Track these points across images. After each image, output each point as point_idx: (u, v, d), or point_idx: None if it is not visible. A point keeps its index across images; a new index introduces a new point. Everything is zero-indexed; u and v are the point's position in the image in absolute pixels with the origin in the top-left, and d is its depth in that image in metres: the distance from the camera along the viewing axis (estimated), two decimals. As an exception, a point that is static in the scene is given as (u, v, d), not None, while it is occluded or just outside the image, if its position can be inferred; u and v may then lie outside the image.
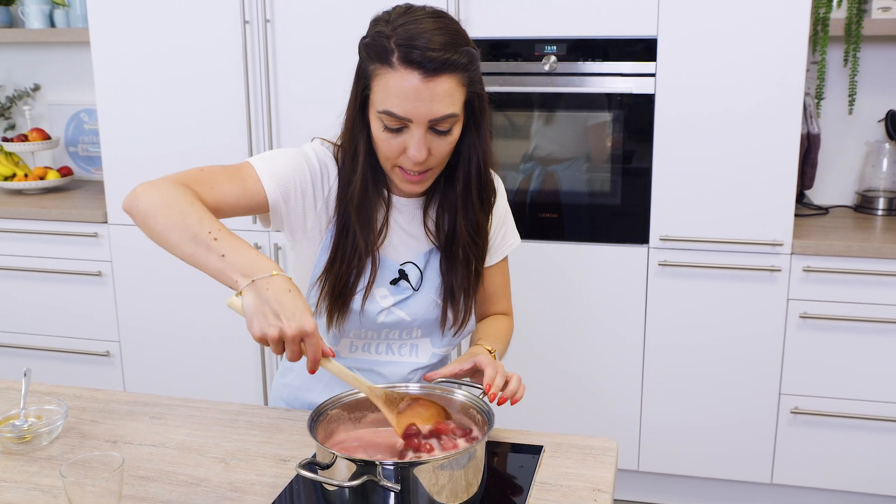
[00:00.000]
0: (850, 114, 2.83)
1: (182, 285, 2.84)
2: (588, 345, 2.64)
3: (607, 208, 2.57)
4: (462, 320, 1.46)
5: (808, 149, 2.73)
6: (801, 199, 2.84)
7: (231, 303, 1.13)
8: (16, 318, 3.07)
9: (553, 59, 2.50)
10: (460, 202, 1.39)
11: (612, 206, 2.56)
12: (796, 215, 2.59)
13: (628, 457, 2.69)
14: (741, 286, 2.49)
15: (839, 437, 2.52)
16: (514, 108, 2.59)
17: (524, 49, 2.52)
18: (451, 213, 1.40)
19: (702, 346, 2.56)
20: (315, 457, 1.12)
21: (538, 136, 2.62)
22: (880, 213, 2.77)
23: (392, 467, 1.04)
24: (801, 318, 2.47)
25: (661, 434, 2.65)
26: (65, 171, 3.30)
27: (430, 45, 1.22)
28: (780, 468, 2.59)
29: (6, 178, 3.22)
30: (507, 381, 1.31)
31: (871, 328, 2.43)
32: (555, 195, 2.61)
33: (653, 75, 2.44)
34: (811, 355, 2.49)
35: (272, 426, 1.39)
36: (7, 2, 3.31)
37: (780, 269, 2.45)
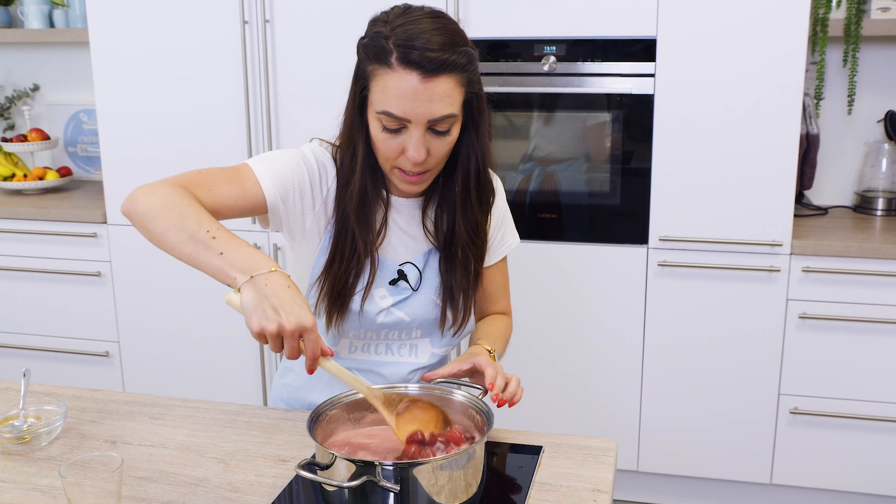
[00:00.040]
0: (850, 114, 2.83)
1: (181, 285, 2.84)
2: (587, 345, 2.64)
3: (607, 209, 2.57)
4: (461, 320, 1.45)
5: (808, 149, 2.73)
6: (800, 199, 2.84)
7: (229, 299, 1.12)
8: (15, 318, 3.07)
9: (552, 59, 2.50)
10: (459, 202, 1.39)
11: (612, 207, 2.56)
12: (795, 215, 2.59)
13: (628, 457, 2.69)
14: (740, 286, 2.49)
15: (838, 437, 2.52)
16: (513, 108, 2.59)
17: (523, 49, 2.52)
18: (450, 214, 1.40)
19: (701, 347, 2.56)
20: (314, 457, 1.12)
21: (537, 137, 2.62)
22: (879, 213, 2.77)
23: (391, 468, 1.04)
24: (800, 318, 2.47)
25: (661, 434, 2.65)
26: (64, 172, 3.30)
27: (429, 45, 1.22)
28: (779, 468, 2.59)
29: (5, 179, 3.22)
30: (506, 383, 1.31)
31: (871, 328, 2.43)
32: (554, 195, 2.61)
33: (652, 75, 2.45)
34: (810, 355, 2.49)
35: (272, 426, 1.39)
36: (6, 2, 3.31)
37: (779, 270, 2.45)
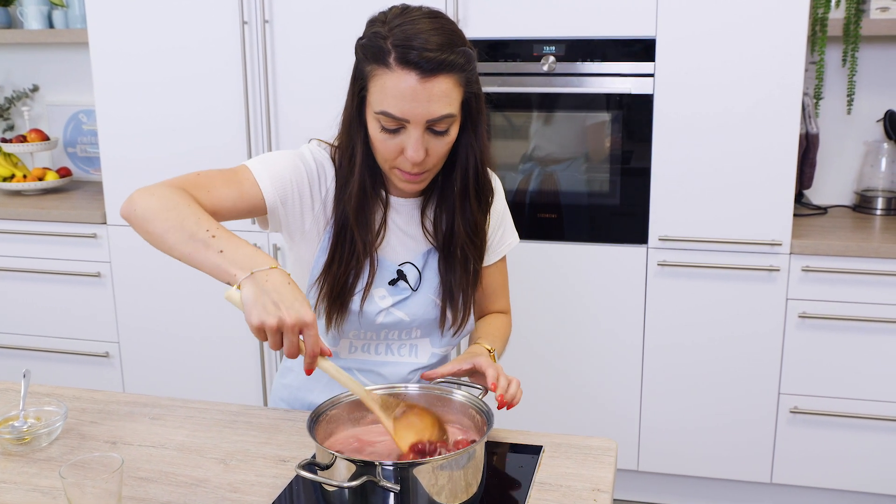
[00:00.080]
0: (849, 114, 2.83)
1: (181, 286, 2.84)
2: (587, 345, 2.64)
3: (606, 208, 2.57)
4: (461, 320, 1.45)
5: (807, 149, 2.73)
6: (799, 198, 2.84)
7: (229, 295, 1.11)
8: (15, 319, 3.07)
9: (552, 59, 2.50)
10: (458, 202, 1.39)
11: (612, 207, 2.56)
12: (795, 215, 2.59)
13: (628, 457, 2.69)
14: (740, 286, 2.49)
15: (838, 436, 2.52)
16: (512, 108, 2.59)
17: (523, 49, 2.52)
18: (449, 213, 1.40)
19: (701, 346, 2.56)
20: (315, 457, 1.12)
21: (537, 137, 2.62)
22: (879, 212, 2.77)
23: (391, 468, 1.04)
24: (800, 317, 2.47)
25: (661, 434, 2.65)
26: (63, 172, 3.30)
27: (427, 45, 1.22)
28: (779, 468, 2.59)
29: (5, 179, 3.21)
30: (508, 384, 1.31)
31: (870, 328, 2.44)
32: (554, 195, 2.61)
33: (651, 75, 2.45)
34: (810, 355, 2.49)
35: (272, 427, 1.39)
36: (6, 2, 3.31)
37: (778, 269, 2.45)
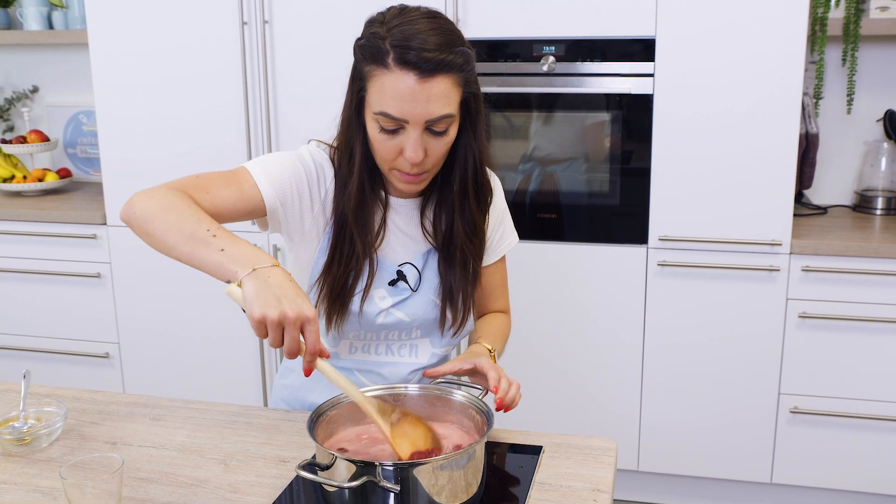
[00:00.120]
0: (849, 113, 2.83)
1: (181, 286, 2.84)
2: (587, 345, 2.64)
3: (606, 209, 2.57)
4: (461, 320, 1.45)
5: (807, 148, 2.73)
6: (799, 198, 2.84)
7: (230, 291, 1.11)
8: (15, 319, 3.07)
9: (551, 59, 2.50)
10: (457, 202, 1.39)
11: (611, 207, 2.56)
12: (795, 215, 2.59)
13: (628, 457, 2.69)
14: (740, 286, 2.49)
15: (838, 436, 2.52)
16: (512, 108, 2.59)
17: (522, 49, 2.52)
18: (449, 214, 1.40)
19: (701, 346, 2.56)
20: (315, 458, 1.12)
21: (537, 137, 2.62)
22: (879, 212, 2.77)
23: (391, 468, 1.04)
24: (800, 317, 2.47)
25: (661, 434, 2.65)
26: (63, 173, 3.30)
27: (426, 45, 1.22)
28: (779, 468, 2.59)
29: (5, 180, 3.22)
30: (508, 386, 1.32)
31: (870, 328, 2.43)
32: (554, 195, 2.61)
33: (651, 75, 2.45)
34: (810, 355, 2.49)
35: (272, 427, 1.39)
36: (5, 3, 3.31)
37: (778, 269, 2.45)
